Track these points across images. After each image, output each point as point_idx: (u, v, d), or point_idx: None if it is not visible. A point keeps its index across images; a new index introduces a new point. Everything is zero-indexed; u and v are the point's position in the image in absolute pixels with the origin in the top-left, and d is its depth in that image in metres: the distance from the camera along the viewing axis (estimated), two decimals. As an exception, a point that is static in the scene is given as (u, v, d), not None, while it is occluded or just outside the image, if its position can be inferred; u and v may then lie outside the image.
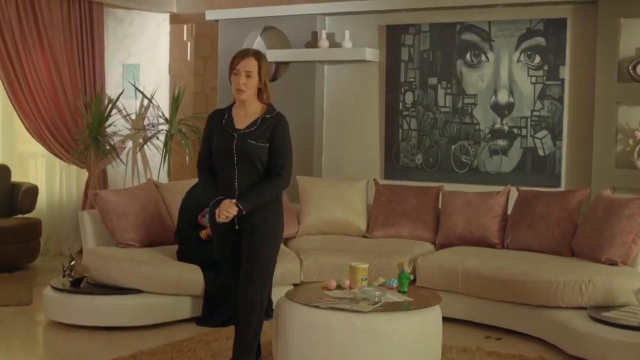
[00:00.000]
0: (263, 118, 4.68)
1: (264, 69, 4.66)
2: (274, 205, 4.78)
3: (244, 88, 4.62)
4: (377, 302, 4.82)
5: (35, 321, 6.33)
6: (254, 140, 4.62)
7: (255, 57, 4.65)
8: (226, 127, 4.69)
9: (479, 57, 7.66)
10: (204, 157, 4.78)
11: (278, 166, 4.68)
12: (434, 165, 7.88)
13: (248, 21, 8.57)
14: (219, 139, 4.68)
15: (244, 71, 4.61)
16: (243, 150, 4.61)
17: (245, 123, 4.68)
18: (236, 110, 4.75)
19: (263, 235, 4.69)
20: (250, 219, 4.64)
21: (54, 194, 9.12)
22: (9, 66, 8.49)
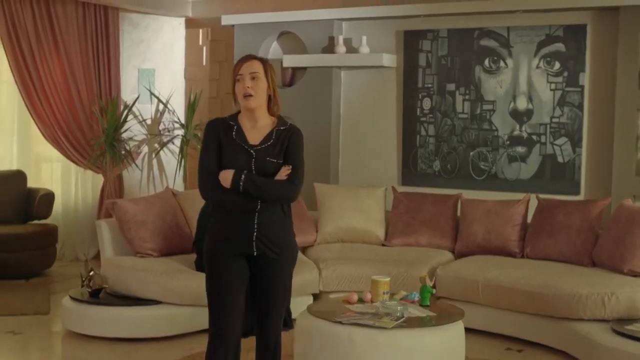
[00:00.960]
0: (277, 130, 4.08)
1: (271, 74, 4.09)
2: (289, 230, 4.18)
3: (252, 92, 3.98)
4: (399, 318, 4.78)
5: (53, 331, 6.32)
6: (273, 157, 4.02)
7: (259, 60, 4.08)
8: (238, 142, 4.02)
9: (497, 63, 7.60)
10: (207, 167, 4.04)
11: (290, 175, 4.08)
12: (452, 171, 7.83)
13: (264, 26, 8.52)
14: (231, 155, 4.01)
15: (248, 73, 3.99)
16: (262, 169, 3.99)
17: (258, 137, 4.04)
18: (244, 122, 4.08)
19: (281, 265, 4.14)
20: (267, 244, 4.04)
21: (69, 199, 9.11)
22: (24, 71, 8.48)
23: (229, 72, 8.96)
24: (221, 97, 9.17)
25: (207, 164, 4.04)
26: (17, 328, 6.28)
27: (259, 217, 4.01)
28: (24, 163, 8.94)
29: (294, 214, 7.03)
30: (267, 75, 4.04)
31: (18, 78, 8.50)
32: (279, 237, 4.08)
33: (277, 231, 4.07)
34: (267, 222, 4.02)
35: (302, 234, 7.16)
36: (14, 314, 6.68)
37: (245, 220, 4.01)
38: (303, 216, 7.27)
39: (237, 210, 4.00)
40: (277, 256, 4.08)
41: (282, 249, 4.09)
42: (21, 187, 8.50)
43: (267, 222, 4.02)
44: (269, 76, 4.05)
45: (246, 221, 4.01)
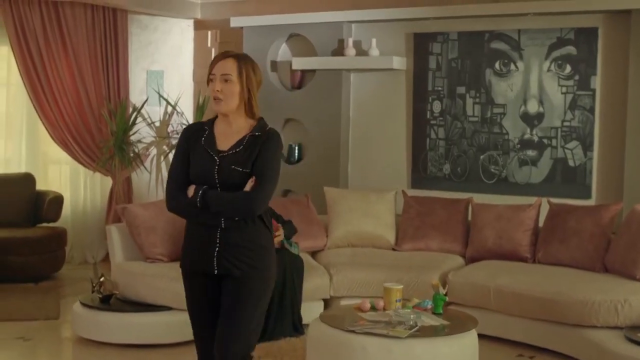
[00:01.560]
0: (252, 136, 3.66)
1: (249, 74, 3.66)
2: (262, 248, 3.71)
3: (220, 95, 3.61)
4: (413, 327, 4.76)
5: (63, 337, 6.31)
6: (239, 165, 3.62)
7: (236, 58, 3.67)
8: (206, 147, 3.68)
9: (508, 66, 7.56)
10: (178, 179, 3.70)
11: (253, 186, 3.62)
12: (462, 175, 7.80)
13: (273, 28, 8.49)
14: (196, 162, 3.68)
15: (220, 74, 3.63)
16: (225, 177, 3.62)
17: (229, 143, 3.68)
18: (219, 126, 3.75)
19: (249, 286, 3.67)
20: (232, 261, 3.65)
21: (78, 202, 9.10)
22: (33, 74, 8.47)
23: (237, 74, 8.93)
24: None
25: (173, 172, 3.74)
26: (28, 334, 6.27)
27: (222, 233, 3.63)
28: (32, 165, 8.94)
29: (304, 218, 7.12)
30: (242, 77, 3.64)
31: (27, 80, 8.49)
32: (247, 253, 3.65)
33: (246, 247, 3.65)
34: (234, 238, 3.63)
35: (312, 239, 7.15)
36: (24, 319, 6.67)
37: (208, 236, 3.65)
38: (313, 220, 7.25)
39: (202, 225, 3.66)
40: (244, 274, 3.65)
41: (251, 266, 3.66)
42: (30, 190, 8.50)
43: (234, 238, 3.63)
44: (243, 77, 3.64)
45: (209, 237, 3.65)
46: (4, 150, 9.02)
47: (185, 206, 3.65)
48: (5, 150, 9.02)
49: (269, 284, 3.77)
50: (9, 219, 8.28)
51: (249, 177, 3.61)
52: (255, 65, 3.74)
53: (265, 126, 3.72)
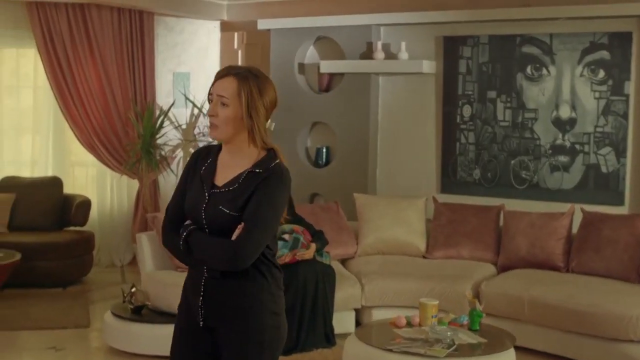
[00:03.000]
0: (251, 172, 3.02)
1: (252, 97, 2.99)
2: (255, 305, 3.03)
3: (216, 121, 3.01)
4: (450, 345, 4.71)
5: (94, 347, 6.29)
6: (226, 207, 2.99)
7: (237, 77, 3.00)
8: (202, 179, 3.10)
9: (540, 71, 7.47)
10: (172, 214, 3.16)
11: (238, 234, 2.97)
12: (493, 180, 7.72)
13: (301, 31, 8.43)
14: (189, 195, 3.12)
15: (216, 95, 3.02)
16: (212, 218, 3.01)
17: (227, 177, 3.06)
18: (223, 156, 3.13)
19: (247, 344, 3.04)
20: (217, 317, 3.06)
21: (104, 205, 9.08)
22: (60, 77, 8.45)
23: (264, 76, 8.86)
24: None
25: (169, 204, 3.21)
26: (59, 343, 6.25)
27: (207, 282, 3.05)
28: (59, 168, 8.91)
29: (334, 225, 7.07)
30: (241, 100, 2.99)
31: (53, 83, 8.47)
32: (233, 312, 3.03)
33: (233, 304, 3.03)
34: (219, 289, 3.03)
35: (342, 246, 7.11)
36: (54, 327, 6.65)
37: (196, 281, 3.09)
38: (343, 227, 7.20)
39: (193, 268, 3.14)
40: (231, 332, 3.04)
41: (238, 328, 3.03)
42: (57, 193, 8.48)
43: (220, 289, 3.03)
44: (242, 101, 2.98)
45: (196, 283, 3.09)
46: (31, 152, 9.01)
47: (176, 246, 3.08)
48: (32, 153, 9.00)
49: (267, 352, 3.06)
50: (36, 223, 8.27)
51: (239, 221, 2.97)
52: (264, 85, 3.04)
53: (271, 161, 3.03)
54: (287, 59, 8.53)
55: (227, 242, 2.94)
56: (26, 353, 6.13)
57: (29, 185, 8.47)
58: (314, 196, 8.50)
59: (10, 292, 7.54)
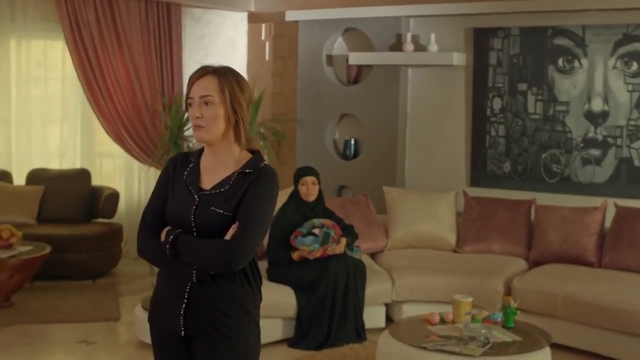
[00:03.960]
0: (241, 173, 2.99)
1: (234, 92, 2.94)
2: (240, 312, 2.97)
3: (202, 122, 2.93)
4: (485, 343, 4.67)
5: (125, 341, 6.29)
6: (220, 207, 2.94)
7: (215, 74, 2.96)
8: (187, 183, 3.03)
9: (572, 63, 7.38)
10: (150, 219, 3.06)
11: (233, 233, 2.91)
12: (523, 173, 7.65)
13: (329, 22, 8.37)
14: (173, 200, 3.03)
15: (198, 97, 2.94)
16: (203, 220, 2.95)
17: (214, 180, 3.01)
18: (205, 159, 3.07)
19: (227, 355, 2.96)
20: (201, 324, 2.95)
21: (132, 196, 9.09)
22: (88, 68, 8.44)
23: (293, 68, 8.84)
24: (285, 93, 9.06)
25: (146, 211, 3.11)
26: (90, 337, 6.27)
27: (193, 288, 2.95)
28: (86, 160, 8.92)
29: (363, 219, 7.03)
30: (225, 95, 2.93)
31: (81, 75, 8.47)
32: (220, 317, 2.94)
33: (220, 309, 2.94)
34: (205, 296, 2.94)
35: (372, 240, 7.07)
36: (84, 320, 6.67)
37: (177, 289, 2.97)
38: (373, 221, 7.17)
39: (173, 276, 3.01)
40: (217, 342, 2.94)
41: (222, 334, 2.94)
42: (86, 185, 8.49)
43: (206, 295, 2.94)
44: (226, 96, 2.93)
45: (178, 291, 2.97)
46: (59, 144, 9.03)
47: (156, 253, 2.98)
48: (60, 145, 9.02)
49: (249, 351, 3.00)
50: (64, 215, 8.28)
51: (231, 222, 2.92)
52: (242, 80, 3.01)
53: (259, 162, 3.01)
54: (315, 51, 8.48)
55: (222, 242, 2.88)
56: (58, 347, 6.15)
57: (58, 177, 8.48)
58: (342, 189, 8.46)
59: (39, 284, 7.57)
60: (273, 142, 8.79)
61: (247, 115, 2.99)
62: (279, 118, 8.92)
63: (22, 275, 6.93)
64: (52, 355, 6.04)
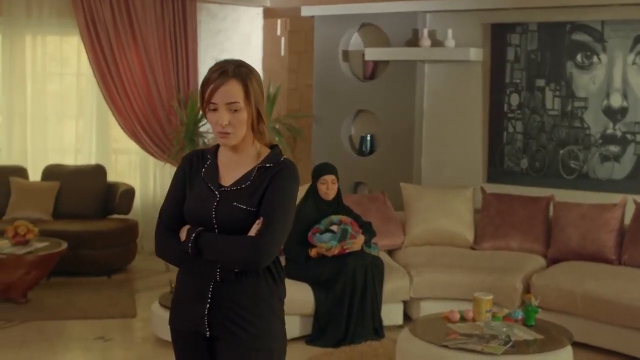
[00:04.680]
0: (261, 168, 2.94)
1: (256, 93, 2.89)
2: (266, 309, 2.90)
3: (231, 130, 2.87)
4: (507, 342, 4.63)
5: (142, 338, 6.26)
6: (242, 202, 2.88)
7: (239, 78, 2.86)
8: (205, 180, 2.98)
9: (590, 59, 7.32)
10: (168, 218, 2.99)
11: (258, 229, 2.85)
12: (541, 170, 7.60)
13: (345, 18, 8.33)
14: (192, 197, 2.97)
15: (224, 104, 2.85)
16: (225, 216, 2.88)
17: (234, 176, 2.96)
18: (223, 156, 3.02)
19: (252, 353, 2.89)
20: (226, 324, 2.89)
21: (147, 192, 9.08)
22: (103, 64, 8.44)
23: (308, 63, 8.81)
24: (300, 89, 9.03)
25: (164, 210, 3.03)
26: (107, 333, 6.26)
27: (216, 287, 2.89)
28: (102, 156, 8.91)
29: (381, 215, 7.00)
30: (250, 99, 2.87)
31: (97, 71, 8.46)
32: (246, 315, 2.88)
33: (245, 307, 2.88)
34: (230, 295, 2.88)
35: (390, 236, 7.04)
36: (101, 317, 6.66)
37: (200, 289, 2.92)
38: (390, 218, 7.13)
39: (195, 276, 2.95)
40: (242, 341, 2.88)
41: (250, 333, 2.87)
42: (101, 181, 8.47)
43: (230, 294, 2.88)
44: (252, 100, 2.87)
45: (201, 291, 2.92)
46: (74, 140, 9.02)
47: (176, 252, 2.92)
48: (75, 141, 9.01)
49: (276, 351, 2.95)
50: (80, 211, 8.27)
51: (254, 217, 2.86)
52: (258, 77, 2.96)
53: (279, 156, 2.96)
54: (331, 46, 8.45)
55: (247, 238, 2.82)
56: (75, 343, 6.14)
57: (73, 173, 8.48)
58: (358, 185, 8.42)
59: (55, 280, 7.57)
60: (288, 138, 8.77)
61: (266, 111, 2.96)
62: (294, 114, 8.90)
63: (38, 272, 6.92)
64: (69, 352, 6.03)
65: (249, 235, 2.83)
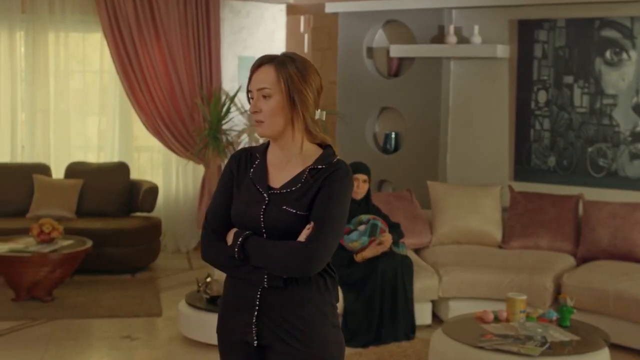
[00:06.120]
0: (313, 170, 2.79)
1: (293, 82, 2.72)
2: (318, 316, 2.77)
3: (261, 117, 2.75)
4: (543, 343, 4.56)
5: (168, 337, 6.21)
6: (292, 206, 2.75)
7: (273, 63, 2.75)
8: (253, 182, 2.84)
9: (620, 56, 7.23)
10: (214, 221, 2.87)
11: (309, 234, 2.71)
12: (569, 168, 7.51)
13: (370, 14, 8.25)
14: (240, 200, 2.83)
15: (256, 90, 2.77)
16: (274, 220, 2.75)
17: (284, 177, 2.81)
18: (272, 155, 2.87)
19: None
20: (276, 332, 2.77)
21: (170, 190, 9.04)
22: (126, 61, 8.41)
23: (332, 60, 8.75)
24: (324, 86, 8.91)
25: (210, 212, 2.90)
26: (133, 332, 6.22)
27: (264, 294, 2.77)
28: (124, 154, 8.86)
29: (408, 214, 6.93)
30: (280, 86, 2.72)
31: (120, 68, 8.44)
32: (296, 323, 2.76)
33: (295, 314, 2.76)
34: (279, 302, 2.76)
35: (417, 235, 6.97)
36: (126, 315, 6.61)
37: (247, 297, 2.80)
38: (417, 216, 7.06)
39: (242, 282, 2.82)
40: (293, 349, 2.75)
41: (300, 342, 2.76)
42: (124, 179, 8.43)
43: (279, 301, 2.76)
44: (282, 87, 2.72)
45: (248, 298, 2.80)
46: (97, 138, 8.99)
47: (222, 257, 2.82)
48: (98, 138, 8.97)
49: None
50: (103, 209, 8.24)
51: (304, 222, 2.73)
52: (304, 68, 2.76)
53: (332, 157, 2.80)
54: (355, 43, 8.38)
55: (297, 244, 2.68)
56: (102, 342, 6.09)
57: (96, 170, 8.44)
58: (382, 183, 8.36)
59: (79, 278, 7.53)
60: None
61: (311, 109, 2.76)
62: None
63: (63, 270, 6.90)
64: (96, 351, 6.00)
65: (298, 240, 2.70)
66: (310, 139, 2.82)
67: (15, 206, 8.12)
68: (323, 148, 2.84)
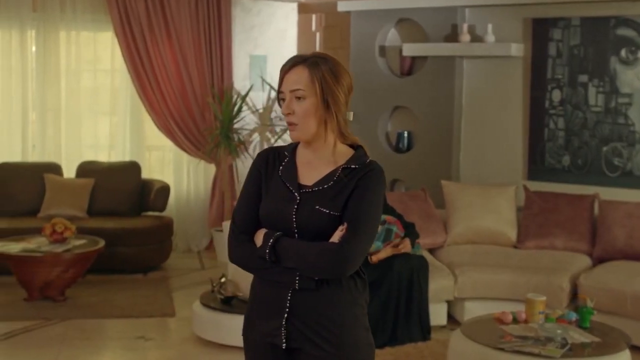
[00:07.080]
0: (346, 169, 2.74)
1: (327, 82, 2.69)
2: (349, 317, 2.74)
3: (294, 119, 2.72)
4: (564, 345, 4.52)
5: (182, 337, 6.17)
6: (325, 206, 2.70)
7: (306, 64, 2.71)
8: (283, 180, 2.79)
9: (635, 54, 7.17)
10: (242, 222, 2.81)
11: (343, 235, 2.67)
12: (583, 167, 7.46)
13: (382, 13, 8.20)
14: (269, 199, 2.78)
15: (289, 91, 2.73)
16: (306, 221, 2.71)
17: (315, 176, 2.77)
18: (302, 154, 2.83)
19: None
20: (307, 334, 2.73)
21: (181, 189, 9.00)
22: (137, 60, 8.39)
23: (344, 59, 8.67)
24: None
25: (238, 212, 2.83)
26: (147, 333, 6.19)
27: (295, 297, 2.72)
28: (136, 153, 8.83)
29: (422, 213, 6.89)
30: (315, 87, 2.69)
31: (131, 67, 8.41)
32: (327, 325, 2.71)
33: (326, 316, 2.71)
34: (310, 304, 2.72)
35: (431, 235, 6.92)
36: (139, 315, 6.58)
37: (277, 299, 2.75)
38: (432, 216, 7.02)
39: (272, 284, 2.77)
40: (326, 353, 2.71)
41: (332, 343, 2.71)
42: (136, 178, 8.40)
43: (310, 303, 2.72)
44: (317, 88, 2.68)
45: (278, 300, 2.75)
46: (108, 137, 8.96)
47: (251, 259, 2.76)
48: (109, 137, 8.94)
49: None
50: (115, 208, 8.20)
51: (338, 222, 2.68)
52: (336, 68, 2.73)
53: (365, 157, 2.77)
54: (368, 42, 8.33)
55: (331, 245, 2.64)
56: (116, 342, 6.07)
57: (107, 170, 8.41)
58: (395, 182, 8.31)
59: (91, 278, 7.49)
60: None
61: (343, 110, 2.74)
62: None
63: (76, 270, 6.87)
64: (110, 351, 5.97)
65: (331, 241, 2.65)
66: (342, 140, 2.79)
67: (26, 206, 8.10)
68: (354, 149, 2.80)
